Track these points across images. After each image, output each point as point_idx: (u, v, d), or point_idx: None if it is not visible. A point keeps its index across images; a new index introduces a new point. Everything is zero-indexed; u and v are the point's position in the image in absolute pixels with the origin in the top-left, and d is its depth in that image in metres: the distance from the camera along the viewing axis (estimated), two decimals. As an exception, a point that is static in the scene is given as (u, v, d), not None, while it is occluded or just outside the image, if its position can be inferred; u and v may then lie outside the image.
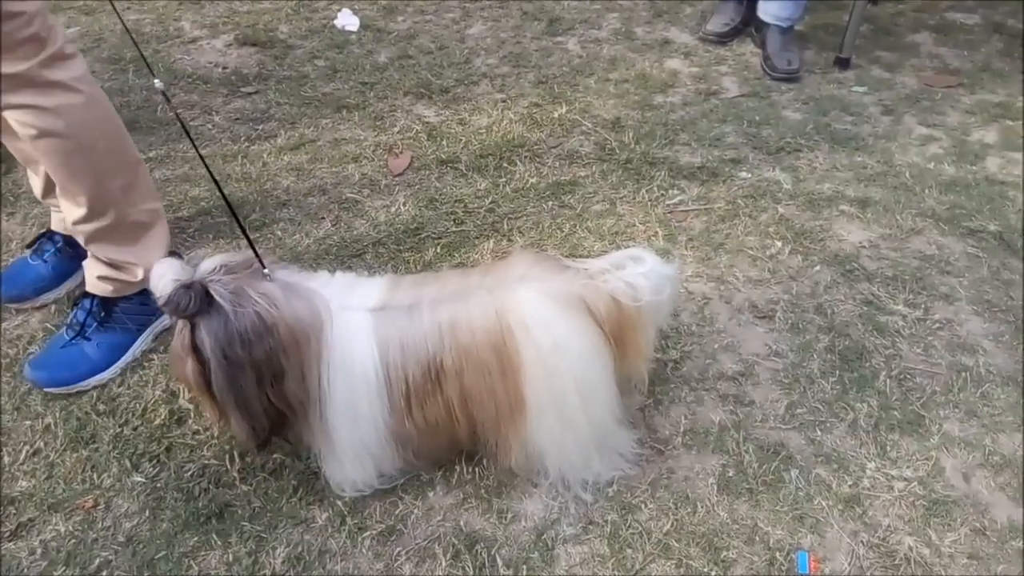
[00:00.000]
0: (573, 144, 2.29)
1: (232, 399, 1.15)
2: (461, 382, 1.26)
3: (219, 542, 1.30)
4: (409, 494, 1.37)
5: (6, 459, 1.46)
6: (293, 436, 1.26)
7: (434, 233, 1.96)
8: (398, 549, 1.29)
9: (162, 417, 1.52)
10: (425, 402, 1.28)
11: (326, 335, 1.20)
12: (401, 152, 2.28)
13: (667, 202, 2.03)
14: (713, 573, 1.24)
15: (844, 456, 1.41)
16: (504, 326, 1.24)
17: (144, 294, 1.64)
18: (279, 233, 1.98)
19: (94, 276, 1.59)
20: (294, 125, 2.41)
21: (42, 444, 1.48)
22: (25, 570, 1.28)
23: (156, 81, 1.22)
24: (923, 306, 1.72)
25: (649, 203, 2.03)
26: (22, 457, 1.46)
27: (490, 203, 2.06)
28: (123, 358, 1.63)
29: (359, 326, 1.23)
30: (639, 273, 1.29)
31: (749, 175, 2.12)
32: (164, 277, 1.11)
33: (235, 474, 1.41)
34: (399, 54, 2.77)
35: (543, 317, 1.24)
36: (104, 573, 1.27)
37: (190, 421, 1.52)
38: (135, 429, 1.51)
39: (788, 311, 1.70)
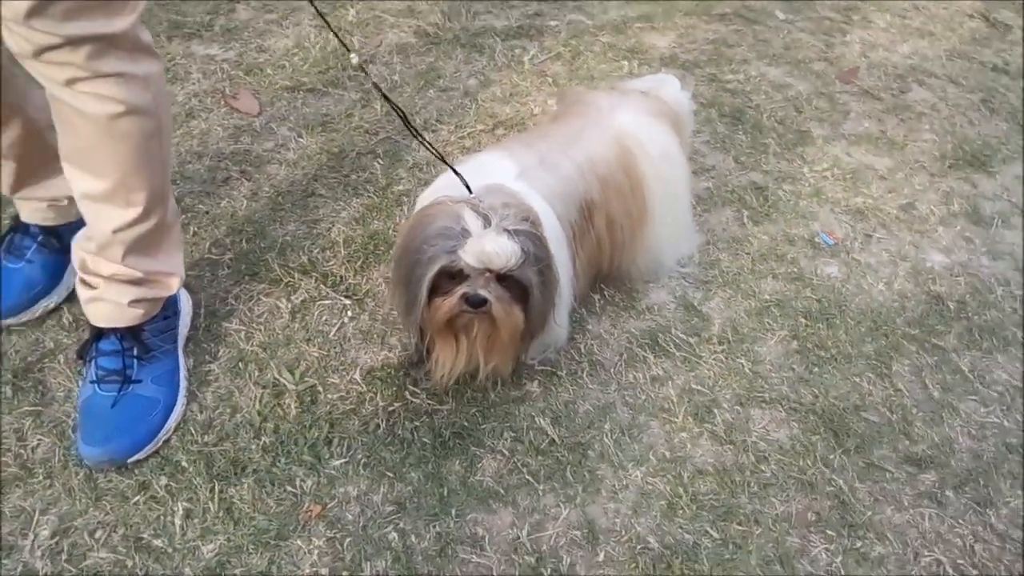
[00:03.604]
0: (391, 40, 2.31)
1: (542, 312, 1.20)
2: (607, 211, 1.43)
3: (480, 452, 1.31)
4: (576, 333, 1.51)
5: (158, 544, 1.18)
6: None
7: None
8: (610, 370, 1.46)
9: (289, 406, 1.36)
10: (583, 240, 1.42)
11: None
12: (237, 93, 2.05)
13: (525, 60, 2.26)
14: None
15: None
16: (624, 148, 1.44)
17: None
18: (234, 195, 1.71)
19: (123, 303, 1.26)
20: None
21: (188, 504, 1.22)
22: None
23: (353, 56, 1.12)
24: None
25: (509, 65, 2.23)
26: (177, 528, 1.19)
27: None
28: (181, 380, 1.36)
29: (529, 196, 1.30)
30: (677, 90, 1.60)
31: (557, 22, 2.45)
32: (499, 242, 1.09)
33: (428, 400, 1.38)
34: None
35: (650, 132, 1.47)
36: (412, 540, 1.20)
37: (322, 394, 1.38)
38: (276, 431, 1.32)
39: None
